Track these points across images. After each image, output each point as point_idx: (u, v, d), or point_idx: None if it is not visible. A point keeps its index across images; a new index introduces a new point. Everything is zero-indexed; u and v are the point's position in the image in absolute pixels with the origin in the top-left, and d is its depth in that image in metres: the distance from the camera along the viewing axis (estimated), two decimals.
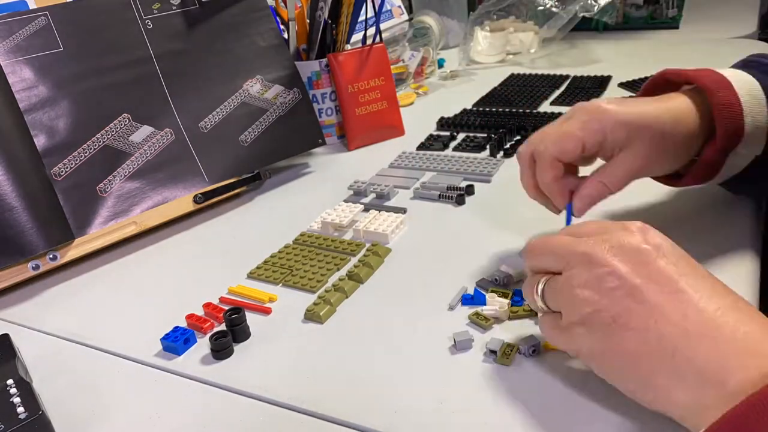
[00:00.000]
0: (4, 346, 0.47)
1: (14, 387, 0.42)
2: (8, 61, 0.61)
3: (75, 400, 0.43)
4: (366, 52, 0.83)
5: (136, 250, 0.64)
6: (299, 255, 0.58)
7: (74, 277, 0.60)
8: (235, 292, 0.53)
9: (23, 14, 0.62)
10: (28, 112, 0.61)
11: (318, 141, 0.78)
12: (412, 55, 1.09)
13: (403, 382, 0.41)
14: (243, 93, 0.73)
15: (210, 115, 0.71)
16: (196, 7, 0.72)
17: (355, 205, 0.64)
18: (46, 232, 0.58)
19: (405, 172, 0.73)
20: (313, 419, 0.39)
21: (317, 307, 0.49)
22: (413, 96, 1.01)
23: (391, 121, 0.86)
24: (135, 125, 0.66)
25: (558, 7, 1.11)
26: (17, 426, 0.38)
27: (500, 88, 1.00)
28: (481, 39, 1.18)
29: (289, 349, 0.45)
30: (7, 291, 0.58)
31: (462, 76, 1.11)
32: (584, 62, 1.09)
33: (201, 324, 0.49)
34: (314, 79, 0.82)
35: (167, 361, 0.46)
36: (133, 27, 0.68)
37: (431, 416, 0.37)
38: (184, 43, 0.71)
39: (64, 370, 0.47)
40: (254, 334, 0.48)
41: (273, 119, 0.74)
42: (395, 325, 0.47)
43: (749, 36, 1.13)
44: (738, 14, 1.24)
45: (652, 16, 1.25)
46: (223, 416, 0.40)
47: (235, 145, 0.71)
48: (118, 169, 0.64)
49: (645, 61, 1.03)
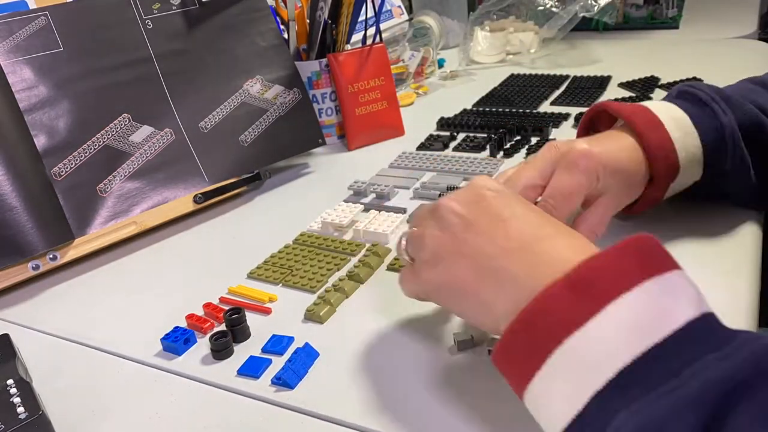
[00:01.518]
0: (4, 346, 0.47)
1: (14, 387, 0.42)
2: (8, 61, 0.61)
3: (75, 400, 0.43)
4: (366, 52, 0.83)
5: (136, 250, 0.64)
6: (299, 255, 0.58)
7: (74, 277, 0.60)
8: (235, 292, 0.53)
9: (23, 14, 0.62)
10: (28, 112, 0.61)
11: (318, 141, 0.78)
12: (412, 55, 1.09)
13: (403, 382, 0.41)
14: (243, 93, 0.73)
15: (210, 115, 0.71)
16: (196, 7, 0.72)
17: (355, 205, 0.64)
18: (46, 232, 0.58)
19: (405, 172, 0.73)
20: (313, 419, 0.39)
21: (317, 307, 0.49)
22: (413, 96, 1.01)
23: (391, 121, 0.86)
24: (135, 125, 0.66)
25: (558, 7, 1.11)
26: (17, 426, 0.38)
27: (500, 88, 1.00)
28: (481, 39, 1.18)
29: (289, 350, 0.45)
30: (7, 291, 0.58)
31: (462, 76, 1.11)
32: (584, 62, 1.09)
33: (201, 324, 0.49)
34: (314, 79, 0.82)
35: (167, 361, 0.46)
36: (133, 27, 0.68)
37: (431, 416, 0.37)
38: (184, 43, 0.71)
39: (64, 370, 0.47)
40: (254, 334, 0.48)
41: (273, 119, 0.74)
42: (395, 325, 0.47)
43: (749, 36, 1.13)
44: (738, 14, 1.24)
45: (652, 16, 1.25)
46: (223, 416, 0.40)
47: (235, 145, 0.71)
48: (118, 169, 0.64)
49: (645, 61, 1.03)
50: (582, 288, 0.29)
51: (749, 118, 0.49)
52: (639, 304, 0.28)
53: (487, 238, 0.35)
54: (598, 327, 0.28)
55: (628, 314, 0.28)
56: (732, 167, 0.49)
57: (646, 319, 0.27)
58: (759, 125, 0.49)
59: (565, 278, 0.30)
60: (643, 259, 0.29)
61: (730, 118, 0.48)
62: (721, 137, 0.48)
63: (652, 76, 0.94)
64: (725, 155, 0.48)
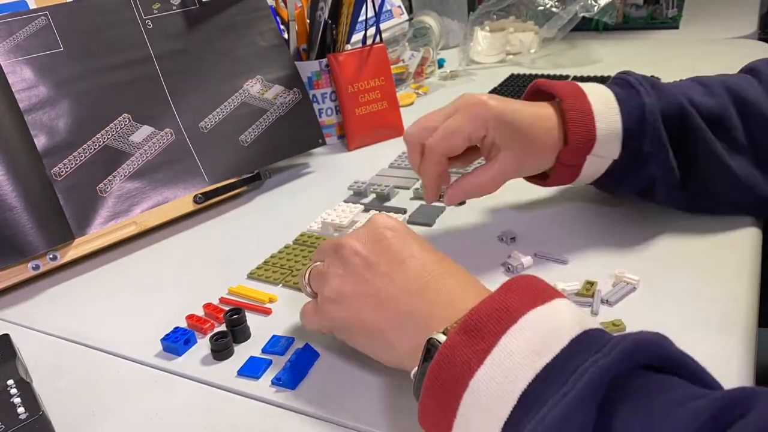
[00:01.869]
0: (4, 346, 0.47)
1: (14, 387, 0.42)
2: (8, 61, 0.61)
3: (75, 400, 0.43)
4: (366, 52, 0.83)
5: (136, 250, 0.64)
6: (299, 255, 0.58)
7: (74, 277, 0.60)
8: (235, 293, 0.53)
9: (23, 14, 0.62)
10: (28, 112, 0.61)
11: (318, 141, 0.78)
12: (412, 55, 1.08)
13: (403, 382, 0.41)
14: (243, 93, 0.73)
15: (210, 115, 0.71)
16: (196, 7, 0.72)
17: (355, 206, 0.64)
18: (46, 232, 0.58)
19: (405, 173, 0.73)
20: (313, 419, 0.39)
21: None
22: (413, 96, 1.01)
23: (391, 121, 0.86)
24: (135, 125, 0.66)
25: (558, 7, 1.11)
26: (17, 426, 0.38)
27: (500, 89, 1.00)
28: (481, 39, 1.18)
29: (289, 350, 0.45)
30: (7, 291, 0.58)
31: (462, 76, 1.11)
32: (584, 62, 1.09)
33: (201, 324, 0.49)
34: (314, 79, 0.82)
35: (167, 362, 0.46)
36: (133, 27, 0.68)
37: None
38: (185, 43, 0.71)
39: (64, 370, 0.47)
40: (254, 334, 0.48)
41: (273, 119, 0.74)
42: None
43: (749, 36, 1.13)
44: (738, 14, 1.24)
45: (652, 16, 1.25)
46: (223, 416, 0.40)
47: (235, 145, 0.71)
48: (118, 169, 0.64)
49: (645, 61, 1.03)
50: (474, 331, 0.31)
51: (673, 105, 0.50)
52: (526, 333, 0.30)
53: (388, 279, 0.37)
54: (493, 362, 0.29)
55: (518, 343, 0.29)
56: (651, 149, 0.49)
57: (536, 344, 0.29)
58: (681, 112, 0.50)
59: (460, 326, 0.31)
60: (525, 294, 0.31)
61: (653, 101, 0.50)
62: (642, 117, 0.49)
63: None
64: (644, 136, 0.49)
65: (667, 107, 0.50)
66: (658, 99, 0.50)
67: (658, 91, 0.51)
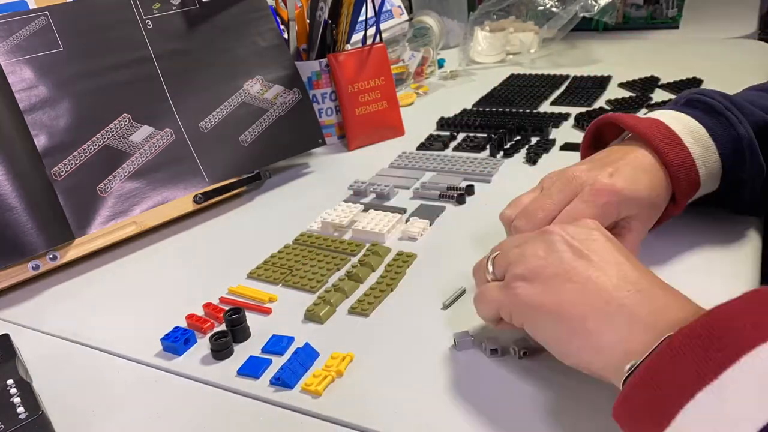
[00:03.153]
0: (4, 346, 0.47)
1: (14, 387, 0.42)
2: (8, 61, 0.61)
3: (75, 400, 0.43)
4: (366, 52, 0.83)
5: (136, 250, 0.64)
6: (299, 255, 0.58)
7: (74, 277, 0.60)
8: (235, 292, 0.53)
9: (23, 14, 0.62)
10: (28, 112, 0.61)
11: (318, 141, 0.78)
12: (412, 55, 1.09)
13: (403, 382, 0.41)
14: (243, 93, 0.73)
15: (210, 115, 0.71)
16: (196, 7, 0.72)
17: (355, 205, 0.64)
18: (46, 232, 0.58)
19: (405, 172, 0.73)
20: (313, 419, 0.39)
21: (317, 307, 0.49)
22: (413, 96, 1.01)
23: (391, 121, 0.86)
24: (135, 125, 0.66)
25: (558, 7, 1.11)
26: (17, 426, 0.38)
27: (500, 88, 1.00)
28: (481, 39, 1.18)
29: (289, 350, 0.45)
30: (7, 291, 0.58)
31: (462, 76, 1.11)
32: (584, 62, 1.09)
33: (201, 324, 0.49)
34: (314, 79, 0.82)
35: (167, 362, 0.46)
36: (133, 27, 0.68)
37: (431, 416, 0.38)
38: (184, 43, 0.71)
39: (64, 370, 0.47)
40: (254, 334, 0.48)
41: (273, 119, 0.74)
42: (395, 324, 0.47)
43: (749, 36, 1.13)
44: (738, 14, 1.24)
45: (652, 16, 1.25)
46: (223, 416, 0.40)
47: (235, 145, 0.71)
48: (118, 169, 0.64)
49: (645, 61, 1.03)
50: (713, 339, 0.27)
51: (760, 125, 0.48)
52: None
53: (601, 272, 0.34)
54: (733, 380, 0.26)
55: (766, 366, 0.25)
56: (749, 176, 0.48)
57: None
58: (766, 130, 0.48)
59: (689, 329, 0.28)
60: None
61: (747, 128, 0.47)
62: (739, 149, 0.47)
63: (652, 76, 0.94)
64: (743, 166, 0.47)
65: (755, 128, 0.48)
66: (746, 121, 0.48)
67: (742, 111, 0.48)
